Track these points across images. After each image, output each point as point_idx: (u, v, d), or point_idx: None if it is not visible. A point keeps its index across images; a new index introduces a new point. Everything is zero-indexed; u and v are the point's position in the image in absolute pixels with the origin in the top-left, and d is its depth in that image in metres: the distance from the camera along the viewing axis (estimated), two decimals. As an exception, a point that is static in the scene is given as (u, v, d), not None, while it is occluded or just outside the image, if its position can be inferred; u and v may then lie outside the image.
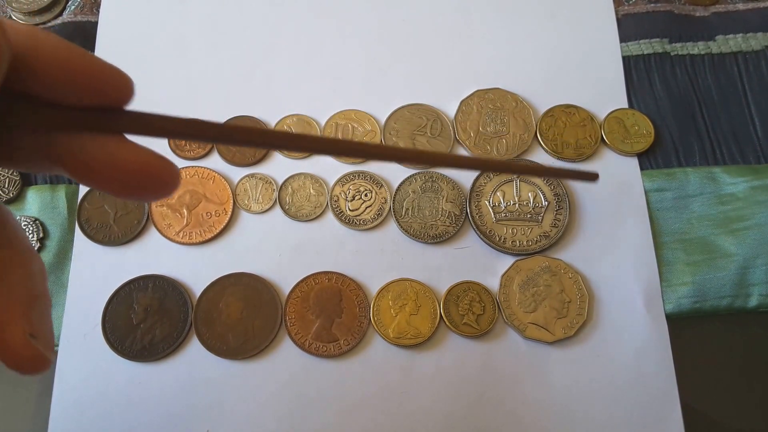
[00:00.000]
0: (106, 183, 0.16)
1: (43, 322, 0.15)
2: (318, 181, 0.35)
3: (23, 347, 0.14)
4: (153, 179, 0.16)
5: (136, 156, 0.15)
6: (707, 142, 0.36)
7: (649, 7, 0.40)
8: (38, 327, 0.15)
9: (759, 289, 0.33)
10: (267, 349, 0.32)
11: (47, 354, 0.15)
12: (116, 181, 0.15)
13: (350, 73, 0.38)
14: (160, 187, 0.16)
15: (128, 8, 0.39)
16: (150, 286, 0.33)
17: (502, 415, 0.31)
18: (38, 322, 0.15)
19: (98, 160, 0.15)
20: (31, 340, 0.14)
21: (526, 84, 0.38)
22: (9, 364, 0.14)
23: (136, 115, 0.15)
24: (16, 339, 0.14)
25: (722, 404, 0.32)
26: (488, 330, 0.32)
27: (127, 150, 0.15)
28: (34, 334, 0.15)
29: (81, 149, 0.15)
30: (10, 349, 0.14)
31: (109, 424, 0.31)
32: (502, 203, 0.35)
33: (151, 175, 0.16)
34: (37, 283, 0.16)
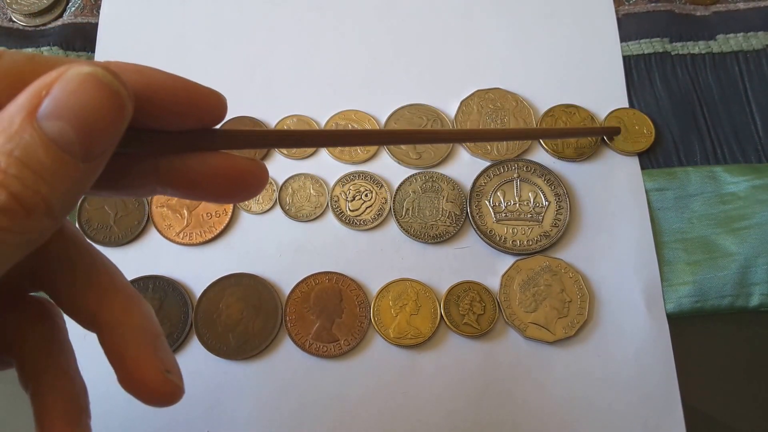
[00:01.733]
0: (210, 192, 0.17)
1: (170, 356, 0.17)
2: (318, 181, 0.35)
3: (164, 385, 0.16)
4: (250, 180, 0.17)
5: (234, 163, 0.17)
6: (708, 141, 0.36)
7: (650, 6, 0.39)
8: (168, 362, 0.16)
9: (760, 288, 0.33)
10: (267, 349, 0.32)
11: (181, 384, 0.16)
12: (219, 189, 0.17)
13: (350, 74, 0.38)
14: (256, 185, 0.18)
15: (128, 9, 0.39)
16: (150, 287, 0.33)
17: (503, 414, 0.31)
18: (167, 357, 0.16)
19: (201, 174, 0.17)
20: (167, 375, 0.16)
21: (526, 84, 0.38)
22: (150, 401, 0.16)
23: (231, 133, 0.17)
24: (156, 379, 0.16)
25: (724, 404, 0.32)
26: (489, 330, 0.32)
27: (223, 160, 0.17)
28: (168, 369, 0.16)
29: (184, 167, 0.16)
30: (150, 387, 0.16)
31: (110, 424, 0.31)
32: (502, 203, 0.35)
33: (247, 178, 0.17)
34: (156, 322, 0.17)
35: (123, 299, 0.17)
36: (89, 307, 0.17)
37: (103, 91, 0.13)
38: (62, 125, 0.13)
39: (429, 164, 0.35)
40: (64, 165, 0.13)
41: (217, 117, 0.17)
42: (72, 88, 0.13)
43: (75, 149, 0.13)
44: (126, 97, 0.13)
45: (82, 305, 0.17)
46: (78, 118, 0.13)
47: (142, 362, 0.16)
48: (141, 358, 0.16)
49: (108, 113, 0.13)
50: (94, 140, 0.13)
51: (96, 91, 0.13)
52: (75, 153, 0.13)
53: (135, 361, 0.16)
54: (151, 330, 0.17)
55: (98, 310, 0.16)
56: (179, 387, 0.16)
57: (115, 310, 0.16)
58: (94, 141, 0.13)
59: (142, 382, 0.15)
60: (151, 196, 0.18)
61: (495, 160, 0.35)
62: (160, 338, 0.17)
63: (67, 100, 0.13)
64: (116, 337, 0.16)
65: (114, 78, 0.13)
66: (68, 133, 0.13)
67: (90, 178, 0.14)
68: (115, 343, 0.16)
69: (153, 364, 0.16)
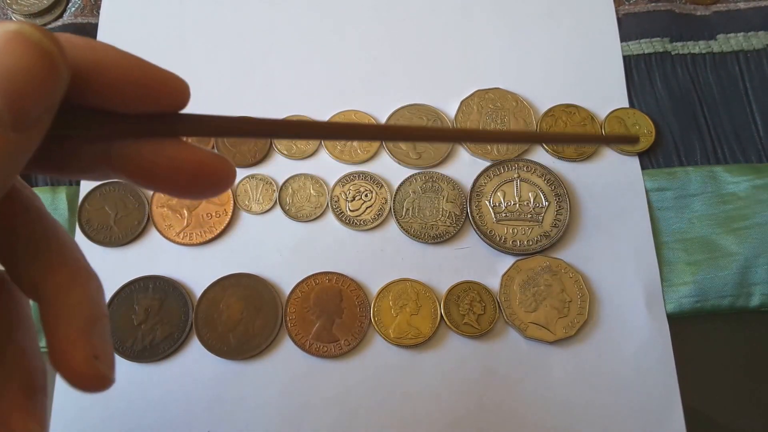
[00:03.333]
0: (166, 184, 0.16)
1: (104, 342, 0.16)
2: (318, 181, 0.35)
3: (87, 368, 0.15)
4: (211, 177, 0.16)
5: (194, 156, 0.16)
6: (708, 141, 0.36)
7: (650, 6, 0.39)
8: (100, 347, 0.15)
9: (761, 288, 0.33)
10: (267, 349, 0.32)
11: (109, 374, 0.15)
12: (177, 182, 0.16)
13: (350, 74, 0.38)
14: (218, 184, 0.16)
15: (128, 10, 0.39)
16: (151, 287, 0.33)
17: (503, 414, 0.31)
18: (99, 342, 0.15)
19: (158, 164, 0.15)
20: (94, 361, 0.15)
21: (526, 84, 0.37)
22: (74, 384, 0.15)
23: (191, 117, 0.16)
24: (80, 360, 0.15)
25: (724, 404, 0.32)
26: (489, 330, 0.32)
27: (184, 151, 0.16)
28: (97, 355, 0.15)
29: (140, 155, 0.15)
30: (74, 371, 0.15)
31: (111, 424, 0.31)
32: (502, 203, 0.35)
33: (209, 174, 0.16)
34: (97, 303, 0.16)
35: (67, 275, 0.16)
36: (32, 277, 0.16)
37: (31, 50, 0.12)
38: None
39: (429, 164, 0.35)
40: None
41: (177, 103, 0.15)
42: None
43: (3, 117, 0.12)
44: (58, 57, 0.12)
45: (24, 275, 0.16)
46: (4, 81, 0.12)
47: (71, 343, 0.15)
48: (71, 338, 0.15)
49: (38, 75, 0.12)
50: (24, 106, 0.12)
51: (23, 51, 0.12)
52: (3, 121, 0.12)
53: (63, 341, 0.15)
54: (90, 311, 0.15)
55: (41, 282, 0.15)
56: (105, 375, 0.15)
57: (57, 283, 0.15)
58: (23, 107, 0.12)
59: (67, 363, 0.15)
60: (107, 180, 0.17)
61: (495, 160, 0.35)
62: (99, 321, 0.16)
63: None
64: (52, 311, 0.15)
65: (44, 36, 0.12)
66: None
67: (25, 150, 0.13)
68: (50, 318, 0.15)
69: (81, 347, 0.15)
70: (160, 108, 0.15)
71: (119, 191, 0.35)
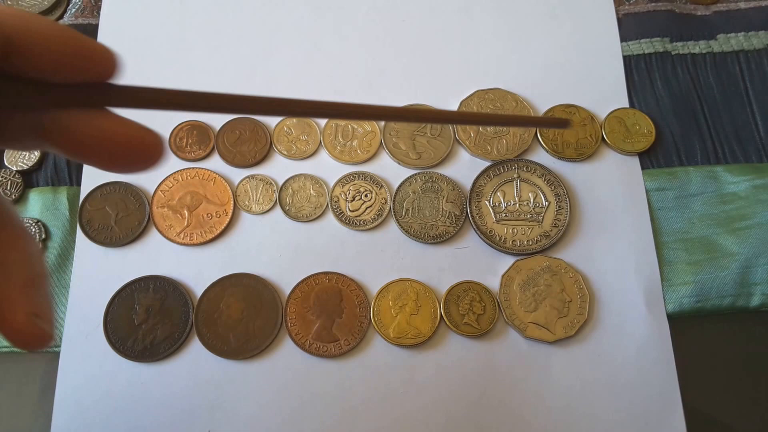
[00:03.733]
0: (95, 156, 0.16)
1: (44, 300, 0.16)
2: (318, 182, 0.35)
3: (27, 326, 0.15)
4: (139, 150, 0.16)
5: (123, 128, 0.16)
6: (709, 141, 0.36)
7: (650, 6, 0.39)
8: (40, 306, 0.15)
9: (761, 288, 0.33)
10: (268, 349, 0.32)
11: (50, 330, 0.15)
12: (104, 153, 0.16)
13: (350, 74, 0.38)
14: (146, 158, 0.16)
15: (129, 11, 0.39)
16: (151, 287, 0.33)
17: (503, 414, 0.31)
18: (39, 301, 0.15)
19: (86, 135, 0.15)
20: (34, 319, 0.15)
21: (526, 84, 0.38)
22: (15, 342, 0.15)
23: (120, 88, 0.16)
24: (20, 318, 0.15)
25: (724, 403, 0.31)
26: (489, 330, 0.32)
27: (113, 123, 0.16)
28: (37, 312, 0.15)
29: (69, 125, 0.15)
30: (15, 328, 0.15)
31: (111, 424, 0.31)
32: (502, 203, 0.35)
33: (137, 147, 0.16)
34: (36, 263, 0.16)
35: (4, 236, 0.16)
36: None
37: None
38: None
39: (429, 164, 0.35)
40: None
41: (106, 72, 0.15)
42: None
43: None
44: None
45: None
46: None
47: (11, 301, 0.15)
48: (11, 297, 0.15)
49: None
50: None
51: None
52: None
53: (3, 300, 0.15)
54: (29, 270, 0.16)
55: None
56: (46, 332, 0.15)
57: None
58: None
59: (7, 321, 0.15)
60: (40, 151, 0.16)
61: (495, 161, 0.35)
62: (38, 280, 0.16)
63: None
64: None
65: None
66: None
67: None
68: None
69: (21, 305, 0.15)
70: (89, 79, 0.15)
71: (120, 192, 0.35)
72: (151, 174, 0.35)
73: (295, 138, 0.36)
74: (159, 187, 0.35)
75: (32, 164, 0.35)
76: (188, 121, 0.36)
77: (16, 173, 0.35)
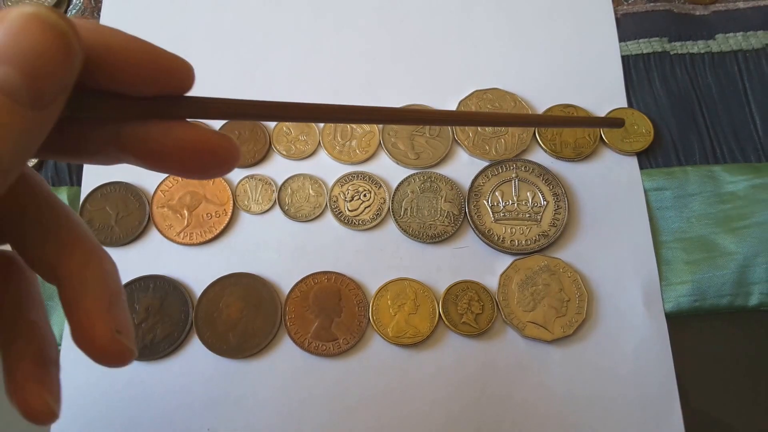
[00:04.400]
0: (174, 165, 0.16)
1: (125, 316, 0.16)
2: (317, 181, 0.35)
3: (111, 343, 0.15)
4: (217, 156, 0.17)
5: (200, 137, 0.16)
6: (707, 140, 0.36)
7: (649, 6, 0.40)
8: (121, 322, 0.16)
9: (760, 287, 0.33)
10: (267, 348, 0.32)
11: (132, 347, 0.16)
12: (184, 162, 0.16)
13: (350, 75, 0.38)
14: (223, 162, 0.17)
15: (129, 12, 0.40)
16: (151, 287, 0.33)
17: (501, 413, 0.31)
18: (121, 317, 0.16)
19: (165, 145, 0.16)
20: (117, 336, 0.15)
21: (524, 84, 0.38)
22: (98, 359, 0.15)
23: (197, 99, 0.16)
24: (104, 335, 0.15)
25: (722, 402, 0.31)
26: (487, 329, 0.32)
27: (192, 133, 0.16)
28: (119, 329, 0.15)
29: (148, 137, 0.16)
30: (98, 345, 0.15)
31: (111, 422, 0.31)
32: (500, 203, 0.35)
33: (214, 153, 0.16)
34: (114, 280, 0.17)
35: (82, 253, 0.16)
36: (48, 259, 0.16)
37: (48, 31, 0.12)
38: (6, 69, 0.12)
39: (427, 164, 0.35)
40: (11, 113, 0.12)
41: (183, 85, 0.16)
42: (15, 30, 0.12)
43: (22, 95, 0.12)
44: (73, 37, 0.13)
45: (41, 257, 0.16)
46: (23, 60, 0.12)
47: (93, 318, 0.15)
48: (92, 314, 0.15)
49: (55, 55, 0.12)
50: (42, 85, 0.12)
51: (40, 32, 0.12)
52: (22, 99, 0.12)
53: (85, 318, 0.15)
54: (108, 287, 0.16)
55: (57, 263, 0.16)
56: (128, 348, 0.15)
57: (73, 263, 0.16)
58: (41, 86, 0.12)
59: (91, 338, 0.15)
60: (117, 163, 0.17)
61: (493, 160, 0.35)
62: (117, 297, 0.16)
63: (10, 42, 0.12)
64: (72, 291, 0.16)
65: (59, 18, 0.13)
66: (13, 77, 0.12)
67: (41, 130, 0.13)
68: (71, 297, 0.15)
69: (103, 321, 0.15)
70: (166, 91, 0.16)
71: (120, 192, 0.35)
72: (151, 174, 0.35)
73: (294, 138, 0.36)
74: (159, 187, 0.35)
75: (33, 164, 0.36)
76: (188, 122, 0.36)
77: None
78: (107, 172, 0.35)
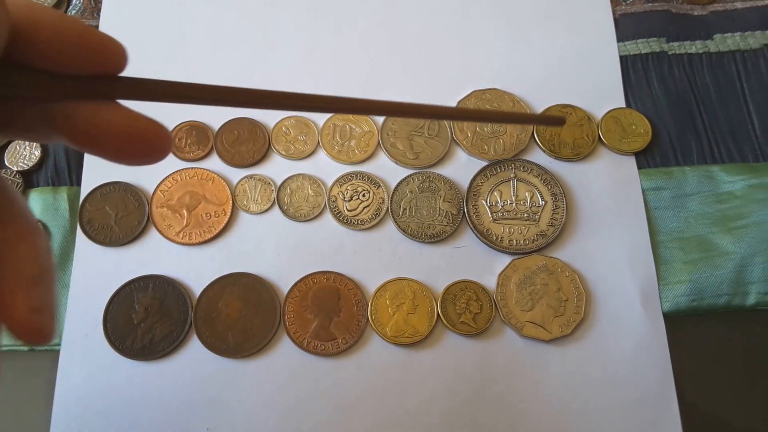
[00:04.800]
0: (103, 148, 0.16)
1: (47, 296, 0.16)
2: (316, 181, 0.35)
3: (28, 320, 0.15)
4: (147, 143, 0.16)
5: (131, 121, 0.16)
6: (705, 140, 0.36)
7: (647, 6, 0.40)
8: (42, 300, 0.15)
9: (757, 287, 0.33)
10: (266, 347, 0.32)
11: (50, 325, 0.16)
12: (112, 145, 0.16)
13: (348, 75, 0.38)
14: (153, 151, 0.17)
15: (128, 12, 0.40)
16: (150, 286, 0.33)
17: (500, 412, 0.31)
18: (42, 296, 0.16)
19: (94, 126, 0.16)
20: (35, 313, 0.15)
21: (523, 84, 0.38)
22: (17, 336, 0.15)
23: (128, 80, 0.16)
24: (21, 311, 0.15)
25: (720, 402, 0.32)
26: (485, 328, 0.32)
27: (122, 115, 0.16)
28: (37, 307, 0.15)
29: (78, 116, 0.16)
30: (15, 320, 0.15)
31: (110, 421, 0.31)
32: (499, 202, 0.35)
33: (145, 139, 0.16)
34: (43, 259, 0.16)
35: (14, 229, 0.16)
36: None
37: None
38: None
39: (426, 164, 0.36)
40: None
41: (115, 65, 0.16)
42: None
43: None
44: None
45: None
46: None
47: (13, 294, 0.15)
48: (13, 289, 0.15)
49: None
50: None
51: None
52: None
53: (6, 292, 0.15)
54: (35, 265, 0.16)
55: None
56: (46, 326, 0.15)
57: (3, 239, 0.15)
58: None
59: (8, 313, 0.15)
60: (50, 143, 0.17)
61: (492, 160, 0.36)
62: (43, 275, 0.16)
63: None
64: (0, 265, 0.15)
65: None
66: None
67: None
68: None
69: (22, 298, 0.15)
70: (98, 71, 0.16)
71: (120, 192, 0.35)
72: (150, 174, 0.36)
73: (294, 138, 0.36)
74: (158, 187, 0.35)
75: (33, 164, 0.36)
76: (187, 122, 0.37)
77: (16, 173, 0.35)
78: (107, 173, 0.35)
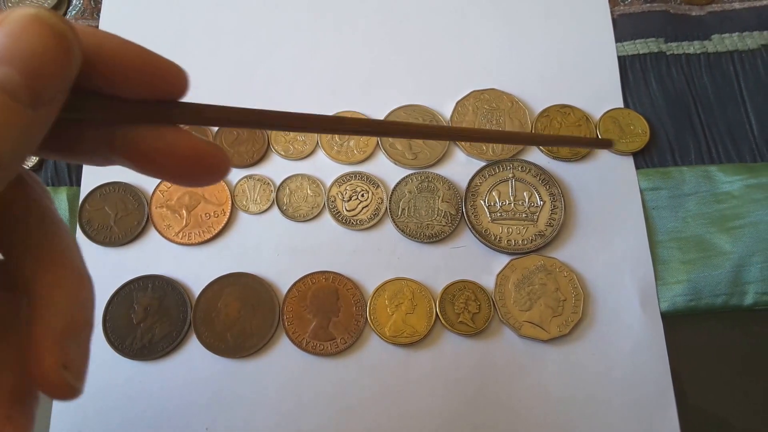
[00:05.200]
0: (165, 171, 0.17)
1: (80, 352, 0.15)
2: (315, 182, 0.35)
3: (54, 376, 0.15)
4: (207, 165, 0.17)
5: (191, 144, 0.16)
6: (703, 140, 0.36)
7: (645, 6, 0.40)
8: (72, 357, 0.15)
9: (755, 287, 0.33)
10: (265, 347, 0.32)
11: (76, 385, 0.15)
12: (174, 167, 0.17)
13: (348, 75, 0.38)
14: (213, 171, 0.17)
15: (128, 13, 0.40)
16: (150, 286, 0.33)
17: (498, 412, 0.31)
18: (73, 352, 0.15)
19: (157, 150, 0.16)
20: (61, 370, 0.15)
21: (521, 84, 0.38)
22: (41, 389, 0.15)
23: (191, 105, 0.16)
24: (48, 366, 0.14)
25: (718, 402, 0.32)
26: (484, 328, 0.32)
27: (182, 138, 0.16)
28: (67, 364, 0.15)
29: (140, 140, 0.16)
30: (41, 374, 0.15)
31: (110, 421, 0.31)
32: (497, 203, 0.35)
33: (205, 162, 0.17)
34: (83, 310, 0.16)
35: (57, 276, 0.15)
36: (24, 272, 0.15)
37: (48, 32, 0.13)
38: (7, 69, 0.12)
39: (425, 164, 0.36)
40: (11, 112, 0.13)
41: (177, 90, 0.16)
42: (16, 31, 0.13)
43: (22, 94, 0.13)
44: (72, 39, 0.13)
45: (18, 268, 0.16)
46: (23, 61, 0.12)
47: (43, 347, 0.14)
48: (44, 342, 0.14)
49: (55, 56, 0.13)
50: (42, 85, 0.13)
51: (41, 33, 0.13)
52: (22, 99, 0.13)
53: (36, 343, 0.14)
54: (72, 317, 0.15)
55: (30, 278, 0.15)
56: (71, 386, 0.15)
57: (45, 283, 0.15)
58: (41, 85, 0.13)
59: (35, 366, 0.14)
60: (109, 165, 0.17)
61: (490, 160, 0.36)
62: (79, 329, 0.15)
63: (11, 43, 0.12)
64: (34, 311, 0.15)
65: (59, 20, 0.13)
66: (14, 77, 0.12)
67: (39, 128, 0.13)
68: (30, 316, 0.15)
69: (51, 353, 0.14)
70: (160, 95, 0.16)
71: (119, 192, 0.35)
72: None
73: (293, 138, 0.36)
74: (158, 187, 0.35)
75: (32, 165, 0.36)
76: (186, 122, 0.37)
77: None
78: (106, 173, 0.36)
